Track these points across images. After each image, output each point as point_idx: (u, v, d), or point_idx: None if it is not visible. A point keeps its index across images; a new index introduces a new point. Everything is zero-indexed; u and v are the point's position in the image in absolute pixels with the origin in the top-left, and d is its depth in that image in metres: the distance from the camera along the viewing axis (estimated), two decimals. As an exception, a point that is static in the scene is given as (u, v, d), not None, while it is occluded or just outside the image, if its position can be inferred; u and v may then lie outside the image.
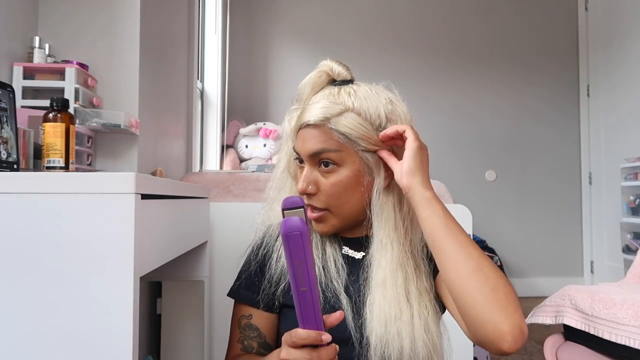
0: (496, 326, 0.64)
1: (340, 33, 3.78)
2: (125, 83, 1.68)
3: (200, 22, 3.05)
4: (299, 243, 0.57)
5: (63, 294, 0.59)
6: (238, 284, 0.89)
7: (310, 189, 0.80)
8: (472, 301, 0.67)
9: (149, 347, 1.58)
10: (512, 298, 0.67)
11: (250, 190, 1.80)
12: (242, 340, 0.86)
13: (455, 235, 0.71)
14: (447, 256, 0.70)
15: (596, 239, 3.75)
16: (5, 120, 0.90)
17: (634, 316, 1.33)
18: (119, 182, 0.60)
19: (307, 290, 0.59)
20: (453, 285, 0.69)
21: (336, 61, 0.84)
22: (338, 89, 0.80)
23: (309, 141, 0.79)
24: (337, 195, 0.79)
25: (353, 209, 0.81)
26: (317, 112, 0.78)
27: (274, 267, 0.84)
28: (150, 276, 1.22)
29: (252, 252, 0.90)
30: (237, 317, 0.88)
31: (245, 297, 0.87)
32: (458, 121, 3.85)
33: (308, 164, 0.80)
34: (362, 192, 0.80)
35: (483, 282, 0.67)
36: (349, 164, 0.78)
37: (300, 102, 0.85)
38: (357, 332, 0.78)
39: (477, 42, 3.91)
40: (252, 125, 3.33)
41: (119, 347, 0.59)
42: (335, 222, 0.81)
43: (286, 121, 0.87)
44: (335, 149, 0.78)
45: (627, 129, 3.41)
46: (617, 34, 3.54)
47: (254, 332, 0.85)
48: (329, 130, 0.78)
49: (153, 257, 0.72)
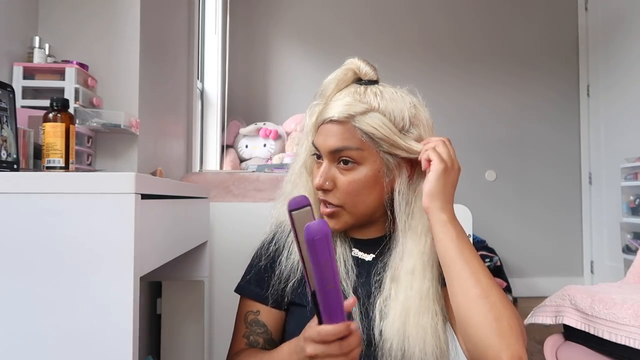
0: (496, 354, 0.66)
1: (340, 33, 3.78)
2: (125, 83, 1.68)
3: (200, 22, 3.05)
4: (324, 245, 0.57)
5: (63, 294, 0.59)
6: (248, 278, 0.88)
7: (327, 185, 0.79)
8: (475, 326, 0.68)
9: (149, 347, 1.58)
10: (515, 329, 0.68)
11: (250, 190, 1.80)
12: (248, 335, 0.85)
13: (467, 259, 0.72)
14: (457, 278, 0.71)
15: (596, 239, 3.75)
16: (5, 120, 0.90)
17: (634, 316, 1.33)
18: (119, 182, 0.60)
19: (333, 287, 0.59)
20: (459, 306, 0.71)
21: (364, 60, 0.83)
22: (364, 88, 0.79)
23: (330, 137, 0.78)
24: (354, 193, 0.78)
25: (368, 208, 0.80)
26: (342, 109, 0.77)
27: (284, 263, 0.83)
28: (150, 276, 1.22)
29: (262, 246, 0.89)
30: (243, 312, 0.87)
31: (254, 293, 0.86)
32: (458, 121, 3.85)
33: (327, 160, 0.80)
34: (380, 192, 0.79)
35: (488, 309, 0.68)
36: (369, 164, 0.78)
37: (323, 98, 0.83)
38: (363, 332, 0.78)
39: (478, 41, 3.91)
40: (252, 125, 3.33)
41: (119, 347, 0.59)
42: (348, 219, 0.81)
43: (307, 116, 0.85)
44: (357, 147, 0.77)
45: (627, 128, 3.41)
46: (617, 34, 3.54)
47: (260, 328, 0.85)
48: (352, 128, 0.77)
49: (153, 257, 0.72)
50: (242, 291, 0.88)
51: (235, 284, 0.90)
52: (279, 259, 0.85)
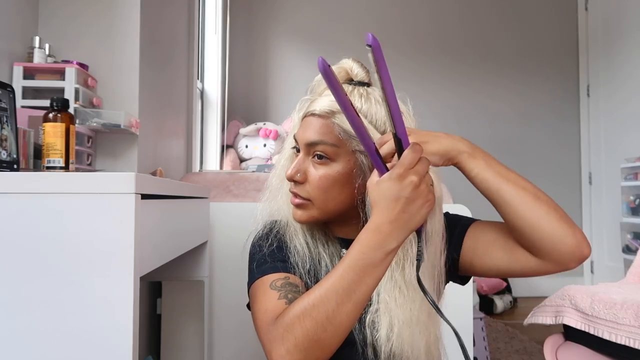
0: (574, 236, 0.72)
1: (340, 33, 3.78)
2: (125, 83, 1.68)
3: (200, 22, 3.05)
4: (379, 53, 0.58)
5: (63, 294, 0.59)
6: (260, 262, 0.80)
7: (298, 176, 0.79)
8: (546, 225, 0.72)
9: (149, 347, 1.58)
10: (566, 213, 0.75)
11: (250, 190, 1.80)
12: (286, 295, 0.73)
13: (508, 179, 0.74)
14: (511, 199, 0.73)
15: (596, 239, 3.75)
16: (5, 120, 0.90)
17: (634, 316, 1.33)
18: (119, 182, 0.60)
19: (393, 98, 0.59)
20: (525, 219, 0.73)
21: (358, 62, 0.83)
22: (352, 88, 0.80)
23: (309, 130, 0.79)
24: (323, 188, 0.78)
25: (338, 207, 0.79)
26: (325, 104, 0.78)
27: (294, 252, 0.81)
28: (150, 276, 1.22)
29: (261, 237, 0.85)
30: (266, 284, 0.76)
31: (275, 267, 0.79)
32: (458, 119, 3.85)
33: (303, 152, 0.80)
34: (350, 191, 0.78)
35: (547, 206, 0.73)
36: (343, 162, 0.78)
37: (313, 94, 0.84)
38: (359, 333, 0.77)
39: (478, 41, 3.91)
40: (252, 125, 3.33)
41: (119, 347, 0.59)
42: (315, 213, 0.80)
43: (296, 110, 0.86)
44: (333, 144, 0.77)
45: (627, 129, 3.41)
46: (617, 34, 3.54)
47: (295, 287, 0.75)
48: (331, 124, 0.77)
49: (153, 257, 0.72)
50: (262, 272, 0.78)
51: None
52: (285, 248, 0.82)
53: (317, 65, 0.55)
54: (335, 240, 0.86)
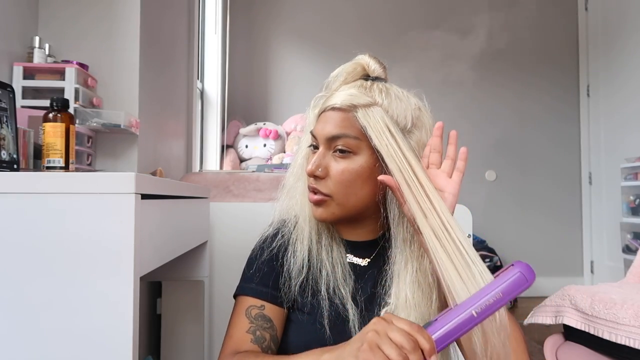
0: None
1: (341, 33, 3.78)
2: (125, 83, 1.68)
3: (200, 22, 3.05)
4: (522, 288, 0.61)
5: (63, 294, 0.59)
6: (249, 276, 0.83)
7: (319, 172, 0.77)
8: None
9: (149, 347, 1.58)
10: None
11: (250, 190, 1.80)
12: (254, 331, 0.78)
13: None
14: None
15: (596, 239, 3.75)
16: (5, 120, 0.90)
17: (634, 316, 1.33)
18: (119, 182, 0.60)
19: (477, 319, 0.61)
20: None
21: (374, 57, 0.82)
22: (371, 83, 0.78)
23: (329, 124, 0.77)
24: (346, 183, 0.76)
25: (360, 202, 0.78)
26: (345, 98, 0.76)
27: (291, 261, 0.80)
28: (150, 276, 1.22)
29: (265, 240, 0.85)
30: (244, 307, 0.80)
31: (257, 291, 0.81)
32: (458, 120, 3.85)
33: (323, 147, 0.78)
34: (373, 187, 0.77)
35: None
36: (365, 155, 0.76)
37: (328, 91, 0.82)
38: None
39: (478, 41, 3.91)
40: (252, 125, 3.33)
41: (119, 347, 0.59)
42: (336, 210, 0.78)
43: (310, 107, 0.84)
44: (355, 136, 0.75)
45: (627, 129, 3.40)
46: (617, 34, 3.54)
47: (267, 322, 0.79)
48: (353, 118, 0.75)
49: (153, 257, 0.72)
50: (245, 291, 0.82)
51: (236, 284, 0.87)
52: (283, 255, 0.82)
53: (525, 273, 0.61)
54: (341, 244, 0.84)
